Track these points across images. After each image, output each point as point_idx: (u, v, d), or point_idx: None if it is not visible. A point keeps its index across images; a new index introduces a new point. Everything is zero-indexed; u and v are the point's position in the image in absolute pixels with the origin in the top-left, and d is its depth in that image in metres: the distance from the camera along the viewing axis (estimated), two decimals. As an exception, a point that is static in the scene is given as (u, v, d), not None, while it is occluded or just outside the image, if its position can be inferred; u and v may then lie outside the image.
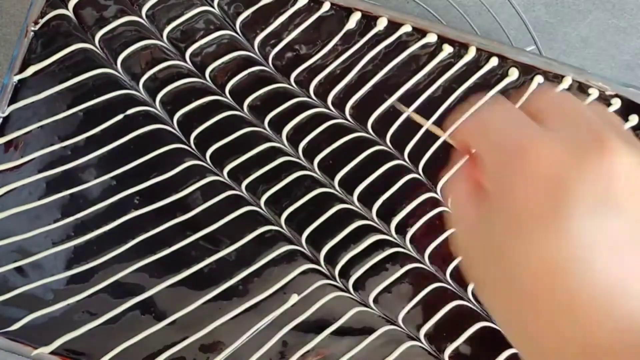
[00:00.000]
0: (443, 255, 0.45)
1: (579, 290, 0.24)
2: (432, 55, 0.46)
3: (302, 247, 0.44)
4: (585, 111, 0.27)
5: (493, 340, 0.44)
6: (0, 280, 0.43)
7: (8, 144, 0.45)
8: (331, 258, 0.44)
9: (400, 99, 0.46)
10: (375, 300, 0.44)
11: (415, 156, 0.45)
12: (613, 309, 0.24)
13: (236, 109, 0.45)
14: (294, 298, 0.44)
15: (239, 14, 0.46)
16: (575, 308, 0.24)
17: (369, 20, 0.46)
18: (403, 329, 0.44)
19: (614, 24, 0.61)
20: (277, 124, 0.45)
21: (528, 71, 0.46)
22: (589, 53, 0.61)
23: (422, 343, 0.44)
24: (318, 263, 0.44)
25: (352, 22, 0.46)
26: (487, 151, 0.27)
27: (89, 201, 0.44)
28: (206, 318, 0.43)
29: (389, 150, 0.45)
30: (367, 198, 0.45)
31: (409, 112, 0.42)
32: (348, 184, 0.45)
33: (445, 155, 0.45)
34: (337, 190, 0.45)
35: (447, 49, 0.46)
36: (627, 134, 0.27)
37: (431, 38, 0.46)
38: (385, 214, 0.45)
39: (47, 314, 0.43)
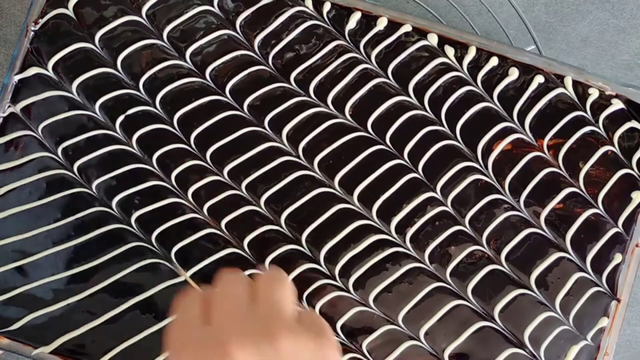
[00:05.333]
0: (443, 255, 0.45)
1: None
2: (432, 55, 0.46)
3: (302, 246, 0.44)
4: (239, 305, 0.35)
5: (493, 340, 0.44)
6: (0, 280, 0.44)
7: (8, 144, 0.45)
8: (331, 258, 0.44)
9: (399, 100, 0.46)
10: (375, 300, 0.44)
11: (415, 156, 0.45)
12: None
13: (236, 109, 0.45)
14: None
15: (239, 13, 0.46)
16: None
17: (369, 20, 0.46)
18: (403, 329, 0.44)
19: (614, 24, 0.61)
20: (277, 124, 0.45)
21: (528, 71, 0.46)
22: (589, 53, 0.61)
23: (422, 343, 0.44)
24: (318, 263, 0.44)
25: (353, 22, 0.46)
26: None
27: (89, 201, 0.44)
28: (206, 318, 0.43)
29: (389, 150, 0.45)
30: (367, 198, 0.45)
31: (186, 275, 0.44)
32: (348, 183, 0.45)
33: (445, 155, 0.46)
34: (337, 190, 0.45)
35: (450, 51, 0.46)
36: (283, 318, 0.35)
37: (432, 38, 0.46)
38: (385, 213, 0.45)
39: (47, 314, 0.43)
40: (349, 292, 0.44)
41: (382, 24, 0.46)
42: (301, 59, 0.46)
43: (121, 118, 0.45)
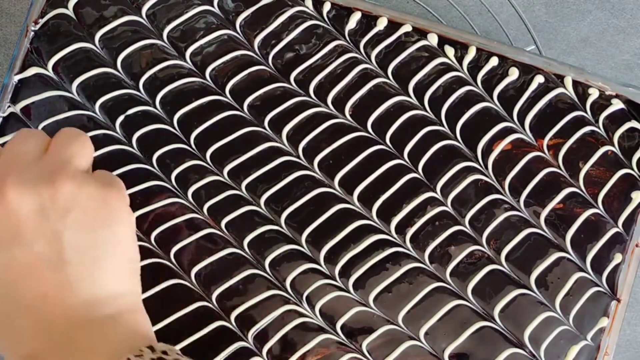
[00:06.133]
0: (443, 255, 0.45)
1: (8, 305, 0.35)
2: (432, 55, 0.46)
3: (302, 246, 0.44)
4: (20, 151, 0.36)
5: (493, 340, 0.44)
6: (0, 280, 0.43)
7: (8, 143, 0.45)
8: (331, 258, 0.44)
9: (400, 100, 0.46)
10: (375, 300, 0.44)
11: (415, 156, 0.45)
12: (40, 315, 0.34)
13: (236, 109, 0.45)
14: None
15: (239, 13, 0.46)
16: (10, 316, 0.35)
17: (369, 20, 0.46)
18: (403, 329, 0.44)
19: (614, 24, 0.61)
20: (277, 124, 0.45)
21: (528, 71, 0.46)
22: (589, 53, 0.61)
23: (422, 343, 0.44)
24: (318, 263, 0.44)
25: (353, 22, 0.46)
26: None
27: (89, 201, 0.44)
28: (206, 318, 0.43)
29: (389, 150, 0.45)
30: (367, 198, 0.45)
31: None
32: (348, 183, 0.45)
33: (445, 155, 0.46)
34: (337, 190, 0.45)
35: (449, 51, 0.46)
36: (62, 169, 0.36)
37: (432, 38, 0.46)
38: (385, 213, 0.45)
39: (47, 314, 0.43)
40: (349, 292, 0.44)
41: (382, 24, 0.46)
42: (301, 59, 0.46)
43: (121, 118, 0.45)
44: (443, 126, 0.46)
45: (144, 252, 0.44)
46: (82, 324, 0.34)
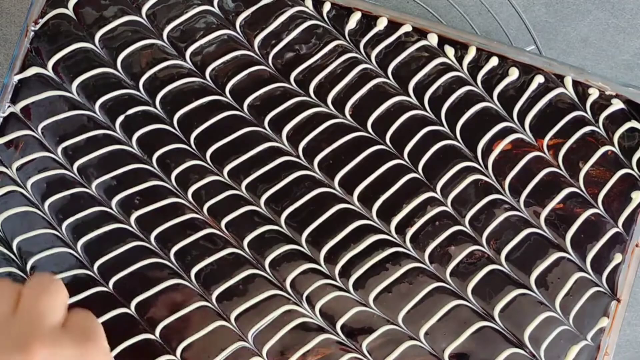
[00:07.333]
0: (443, 255, 0.45)
1: None
2: (432, 55, 0.46)
3: (302, 246, 0.44)
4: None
5: (493, 340, 0.44)
6: (0, 280, 0.44)
7: (8, 144, 0.45)
8: (331, 258, 0.44)
9: (400, 99, 0.46)
10: (375, 300, 0.44)
11: (415, 156, 0.45)
12: None
13: (236, 109, 0.45)
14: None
15: (239, 13, 0.46)
16: None
17: (369, 20, 0.46)
18: (403, 329, 0.44)
19: (614, 23, 0.61)
20: (277, 124, 0.45)
21: (528, 71, 0.46)
22: (589, 53, 0.61)
23: (422, 343, 0.44)
24: (318, 263, 0.44)
25: (353, 22, 0.46)
26: None
27: (89, 201, 0.44)
28: (206, 318, 0.43)
29: (389, 150, 0.45)
30: (367, 198, 0.45)
31: None
32: (348, 183, 0.45)
33: (445, 155, 0.45)
34: (337, 190, 0.45)
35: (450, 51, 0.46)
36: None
37: (432, 38, 0.46)
38: (385, 213, 0.45)
39: (47, 314, 0.43)
40: (349, 292, 0.44)
41: (382, 24, 0.46)
42: (301, 59, 0.46)
43: (121, 118, 0.45)
44: (443, 126, 0.46)
45: (144, 252, 0.44)
46: None
